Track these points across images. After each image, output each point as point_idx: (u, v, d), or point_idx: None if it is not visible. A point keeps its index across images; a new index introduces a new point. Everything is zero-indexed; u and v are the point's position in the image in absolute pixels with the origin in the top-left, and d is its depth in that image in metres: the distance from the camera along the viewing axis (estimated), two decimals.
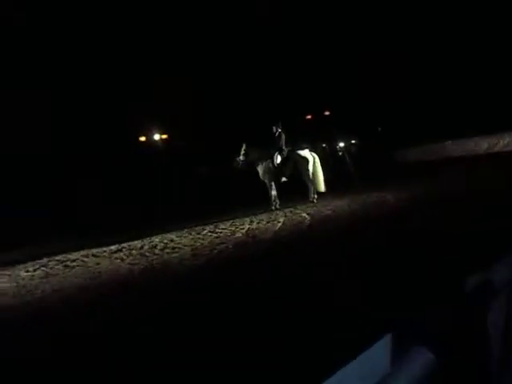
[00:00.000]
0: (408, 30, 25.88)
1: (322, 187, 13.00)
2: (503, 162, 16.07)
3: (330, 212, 10.78)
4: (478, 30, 23.60)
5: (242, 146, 12.81)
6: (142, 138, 27.55)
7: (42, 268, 8.59)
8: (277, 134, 12.88)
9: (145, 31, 24.56)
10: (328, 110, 32.78)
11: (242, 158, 12.82)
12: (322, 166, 13.11)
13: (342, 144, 31.44)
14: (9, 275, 8.37)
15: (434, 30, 25.10)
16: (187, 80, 28.76)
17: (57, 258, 9.40)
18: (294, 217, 10.88)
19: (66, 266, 8.45)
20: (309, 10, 26.78)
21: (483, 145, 23.02)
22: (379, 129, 33.27)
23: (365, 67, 26.59)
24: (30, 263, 9.26)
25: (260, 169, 12.90)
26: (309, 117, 32.66)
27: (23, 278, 7.90)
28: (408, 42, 26.13)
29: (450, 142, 24.48)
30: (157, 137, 26.39)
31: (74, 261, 8.89)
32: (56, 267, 8.50)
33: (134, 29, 24.63)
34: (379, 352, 0.94)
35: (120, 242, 10.24)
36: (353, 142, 33.12)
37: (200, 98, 28.58)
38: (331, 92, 27.94)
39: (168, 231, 11.09)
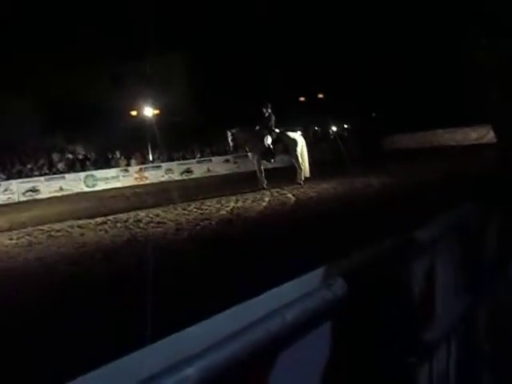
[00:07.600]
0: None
1: (306, 172, 13.07)
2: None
3: (315, 194, 10.92)
4: None
5: (227, 134, 12.92)
6: (134, 113, 27.31)
7: (26, 237, 8.67)
8: (267, 114, 12.92)
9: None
10: (321, 93, 32.67)
11: (231, 143, 12.98)
12: (314, 149, 13.20)
13: (334, 128, 31.43)
14: None
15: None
16: (183, 56, 28.58)
17: (41, 227, 9.47)
18: (279, 197, 10.99)
19: (50, 236, 8.54)
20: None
21: (473, 135, 23.13)
22: (373, 114, 33.14)
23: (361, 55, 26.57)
24: (14, 231, 9.32)
25: (250, 149, 13.00)
26: (302, 99, 32.54)
27: (6, 246, 7.97)
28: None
29: (441, 130, 24.68)
30: (149, 112, 26.09)
31: (58, 231, 8.97)
32: (40, 236, 8.59)
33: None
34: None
35: (106, 215, 10.33)
36: (345, 126, 33.06)
37: (194, 76, 28.44)
38: (325, 75, 27.80)
39: (154, 206, 11.17)
